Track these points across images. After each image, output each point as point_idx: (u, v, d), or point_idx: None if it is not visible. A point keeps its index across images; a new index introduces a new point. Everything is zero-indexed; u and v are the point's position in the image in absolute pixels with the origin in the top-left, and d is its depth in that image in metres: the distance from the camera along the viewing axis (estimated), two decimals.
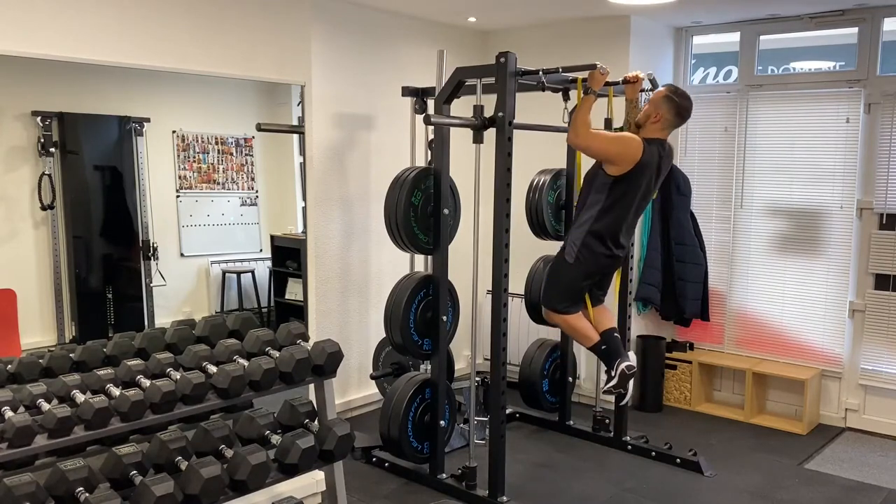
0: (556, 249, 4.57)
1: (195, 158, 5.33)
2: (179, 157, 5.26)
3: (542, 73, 3.60)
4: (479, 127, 3.65)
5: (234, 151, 5.53)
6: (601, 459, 4.42)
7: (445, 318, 3.97)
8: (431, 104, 4.26)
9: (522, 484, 4.01)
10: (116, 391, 2.55)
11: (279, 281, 5.76)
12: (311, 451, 2.75)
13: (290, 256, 5.68)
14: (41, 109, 4.42)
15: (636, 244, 5.00)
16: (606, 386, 3.74)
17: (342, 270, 4.92)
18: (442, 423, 3.98)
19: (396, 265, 4.87)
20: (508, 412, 4.64)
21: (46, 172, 4.48)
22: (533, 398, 4.76)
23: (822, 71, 5.04)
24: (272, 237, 5.75)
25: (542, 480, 4.13)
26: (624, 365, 3.67)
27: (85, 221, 4.84)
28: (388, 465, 4.18)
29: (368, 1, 4.76)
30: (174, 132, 5.22)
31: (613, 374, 3.68)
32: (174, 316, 5.04)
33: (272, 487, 2.87)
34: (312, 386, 3.06)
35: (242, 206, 5.63)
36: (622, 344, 3.83)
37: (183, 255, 5.32)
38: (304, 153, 4.78)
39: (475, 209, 3.79)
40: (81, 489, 2.27)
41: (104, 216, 5.01)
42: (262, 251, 5.76)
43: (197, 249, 5.39)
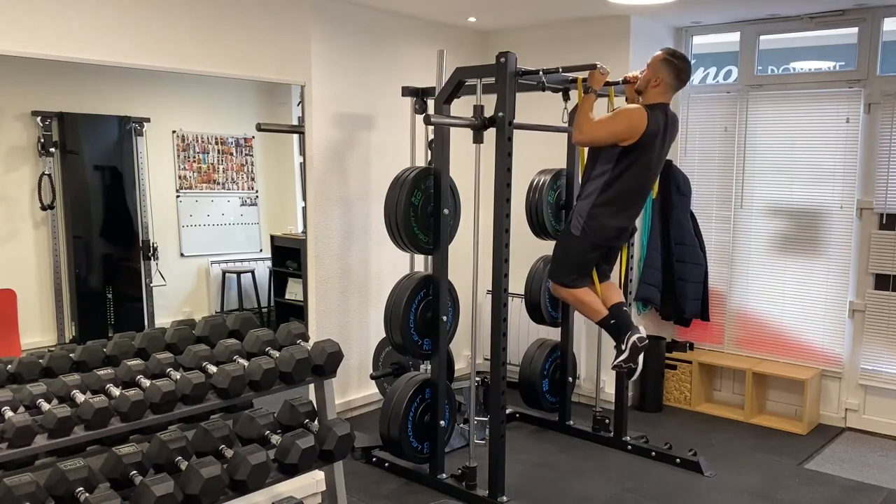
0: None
1: (195, 158, 5.33)
2: (179, 157, 5.26)
3: (542, 73, 3.60)
4: (479, 127, 3.65)
5: (234, 151, 5.53)
6: (601, 459, 4.42)
7: (445, 318, 3.96)
8: (431, 104, 4.26)
9: (522, 484, 4.01)
10: (116, 391, 2.54)
11: (279, 281, 5.77)
12: (311, 451, 2.75)
13: (290, 256, 5.68)
14: (41, 109, 4.42)
15: (636, 244, 5.00)
16: (617, 360, 3.67)
17: (342, 270, 4.92)
18: (442, 423, 3.98)
19: (396, 265, 4.87)
20: (508, 412, 4.64)
21: (46, 172, 4.48)
22: (533, 398, 4.76)
23: (822, 71, 5.04)
24: (272, 237, 5.75)
25: (542, 480, 4.13)
26: (635, 337, 3.61)
27: (85, 221, 4.84)
28: (388, 465, 4.18)
29: (368, 1, 4.76)
30: (174, 132, 5.22)
31: (624, 347, 3.61)
32: (174, 316, 5.04)
33: (272, 487, 2.87)
34: (312, 386, 3.06)
35: (242, 206, 5.63)
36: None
37: (183, 255, 5.33)
38: (304, 153, 4.78)
39: (475, 209, 3.79)
40: (81, 489, 2.27)
41: (104, 216, 5.01)
42: (262, 251, 5.76)
43: (197, 249, 5.39)
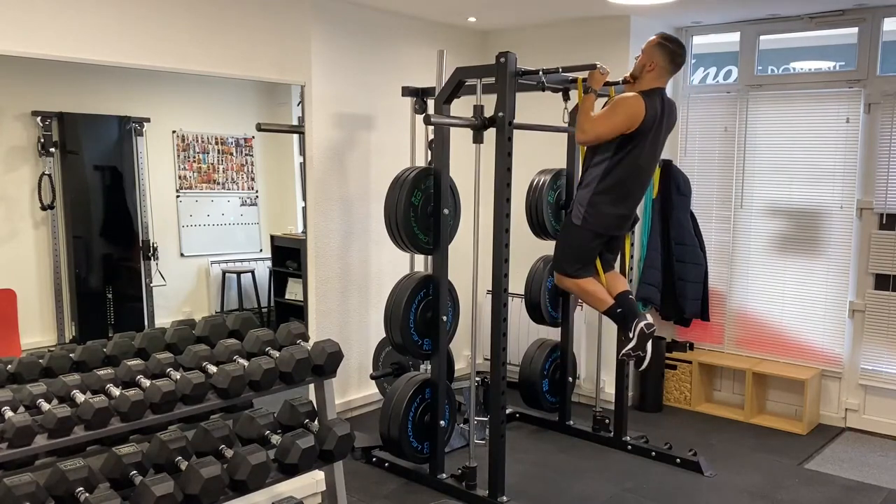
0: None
1: (195, 158, 5.33)
2: (179, 157, 5.26)
3: (542, 73, 3.60)
4: (479, 127, 3.65)
5: (234, 151, 5.53)
6: (601, 459, 4.42)
7: (445, 318, 3.96)
8: (431, 104, 4.26)
9: (522, 484, 4.01)
10: (116, 391, 2.54)
11: (279, 281, 5.76)
12: (311, 451, 2.75)
13: (290, 256, 5.68)
14: (41, 109, 4.42)
15: (636, 244, 5.00)
16: (625, 349, 3.65)
17: (342, 270, 4.92)
18: (442, 423, 3.98)
19: (396, 265, 4.87)
20: (508, 412, 4.64)
21: (46, 172, 4.48)
22: (533, 398, 4.76)
23: (822, 71, 5.04)
24: (272, 237, 5.75)
25: (542, 480, 4.13)
26: (643, 324, 3.60)
27: (85, 221, 4.84)
28: (388, 465, 4.18)
29: (368, 1, 4.76)
30: (174, 132, 5.22)
31: (632, 335, 3.60)
32: (174, 316, 5.04)
33: (272, 487, 2.86)
34: (312, 386, 3.06)
35: (242, 206, 5.63)
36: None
37: (183, 255, 5.32)
38: (304, 153, 4.78)
39: (475, 209, 3.79)
40: (81, 489, 2.27)
41: (104, 216, 5.01)
42: (262, 251, 5.76)
43: (197, 249, 5.39)
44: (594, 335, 4.88)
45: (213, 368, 2.77)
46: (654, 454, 4.39)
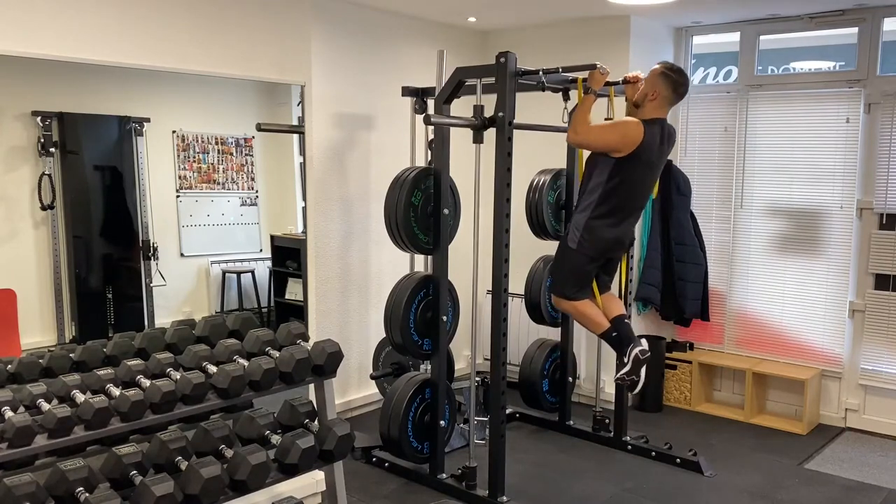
0: (556, 250, 4.58)
1: (195, 158, 5.33)
2: (179, 157, 5.26)
3: (542, 73, 3.60)
4: (479, 127, 3.65)
5: (234, 151, 5.53)
6: (601, 459, 4.42)
7: (445, 318, 3.96)
8: (431, 104, 4.26)
9: (522, 484, 4.01)
10: (116, 391, 2.54)
11: (279, 281, 5.76)
12: (311, 451, 2.75)
13: (290, 256, 5.68)
14: (41, 109, 4.42)
15: (636, 244, 5.00)
16: (619, 373, 3.66)
17: (342, 270, 4.92)
18: (442, 423, 3.98)
19: (396, 265, 4.87)
20: (508, 412, 4.64)
21: (46, 172, 4.48)
22: (533, 398, 4.76)
23: (822, 71, 5.04)
24: (272, 237, 5.74)
25: (542, 480, 4.13)
26: (637, 350, 3.61)
27: (85, 221, 4.84)
28: (388, 465, 4.18)
29: (368, 1, 4.76)
30: (174, 132, 5.22)
31: (626, 360, 3.62)
32: (174, 316, 5.04)
33: (272, 487, 2.86)
34: (312, 386, 3.06)
35: (242, 206, 5.63)
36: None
37: (183, 255, 5.32)
38: (304, 153, 4.78)
39: (475, 209, 3.79)
40: (81, 489, 2.27)
41: (104, 216, 5.00)
42: (262, 251, 5.76)
43: (197, 249, 5.38)
44: (594, 335, 4.86)
45: (213, 368, 2.77)
46: (654, 454, 4.39)
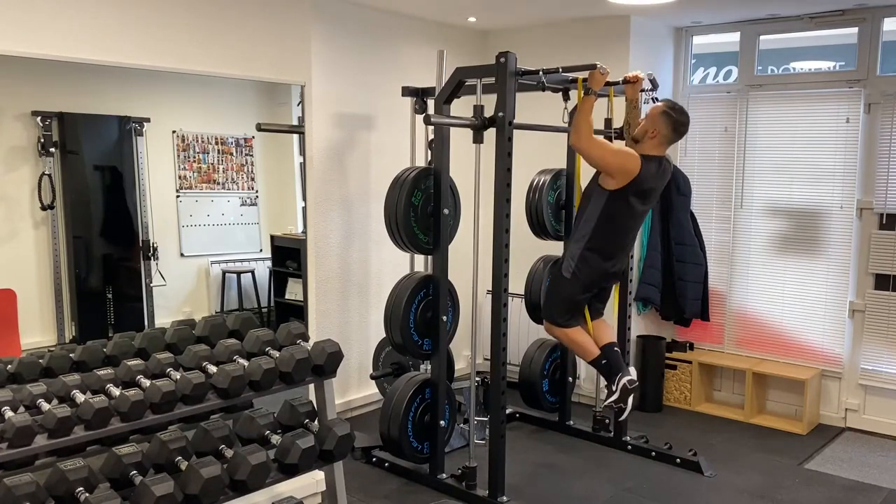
0: (556, 249, 4.59)
1: (195, 158, 5.33)
2: (179, 157, 5.26)
3: (542, 73, 3.60)
4: (479, 127, 3.65)
5: (234, 151, 5.52)
6: (601, 459, 4.42)
7: (445, 318, 3.97)
8: (431, 104, 4.26)
9: (522, 484, 4.01)
10: (116, 391, 2.55)
11: (279, 281, 5.76)
12: (311, 451, 2.75)
13: (290, 256, 5.67)
14: (41, 109, 4.41)
15: (636, 244, 4.99)
16: (608, 401, 3.78)
17: (342, 270, 4.92)
18: (442, 423, 3.98)
19: (396, 265, 4.87)
20: (508, 412, 4.64)
21: (46, 172, 4.47)
22: (533, 398, 4.76)
23: (822, 71, 5.04)
24: (272, 237, 5.74)
25: (542, 480, 4.13)
26: (626, 380, 3.70)
27: (85, 221, 4.84)
28: (388, 465, 4.18)
29: (368, 1, 4.76)
30: (174, 132, 5.22)
31: (615, 388, 3.72)
32: (174, 316, 5.03)
33: (272, 487, 2.87)
34: (312, 386, 3.06)
35: (242, 206, 5.62)
36: (622, 356, 3.86)
37: (183, 255, 5.32)
38: (304, 153, 4.78)
39: (475, 209, 3.79)
40: (81, 489, 2.27)
41: (104, 216, 5.00)
42: (262, 251, 5.75)
43: (197, 249, 5.38)
44: None
45: (213, 368, 2.77)
46: (654, 454, 4.39)
